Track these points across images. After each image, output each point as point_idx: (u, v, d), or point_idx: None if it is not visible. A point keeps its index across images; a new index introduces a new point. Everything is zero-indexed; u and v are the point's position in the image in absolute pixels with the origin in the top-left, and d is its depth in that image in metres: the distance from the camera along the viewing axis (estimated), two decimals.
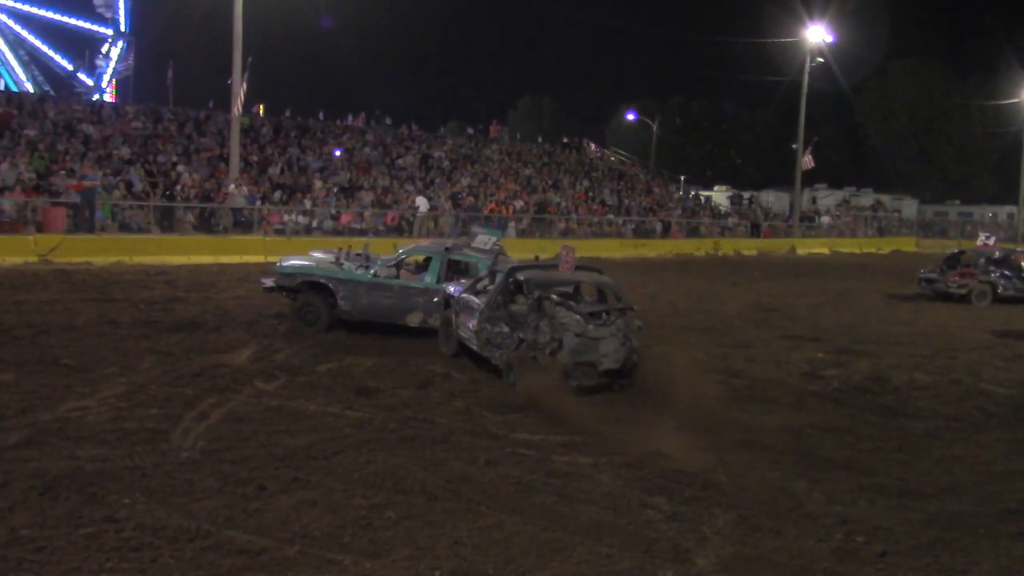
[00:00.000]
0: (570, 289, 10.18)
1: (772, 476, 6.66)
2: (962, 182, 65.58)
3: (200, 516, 5.37)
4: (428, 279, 11.75)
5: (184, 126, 31.95)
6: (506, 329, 9.28)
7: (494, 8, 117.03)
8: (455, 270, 12.08)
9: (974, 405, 9.37)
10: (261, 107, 39.11)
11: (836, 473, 6.82)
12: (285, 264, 12.36)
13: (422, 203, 28.78)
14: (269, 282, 12.26)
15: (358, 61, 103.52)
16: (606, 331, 8.79)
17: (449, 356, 10.56)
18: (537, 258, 11.62)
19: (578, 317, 8.84)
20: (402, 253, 12.52)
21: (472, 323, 9.83)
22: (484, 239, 12.49)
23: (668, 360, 9.90)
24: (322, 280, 11.80)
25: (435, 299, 11.56)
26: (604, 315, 9.11)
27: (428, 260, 12.13)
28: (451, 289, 11.03)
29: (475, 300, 10.05)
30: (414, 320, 11.67)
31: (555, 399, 8.20)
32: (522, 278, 9.56)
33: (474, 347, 9.90)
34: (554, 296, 9.38)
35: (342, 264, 12.08)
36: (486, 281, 10.42)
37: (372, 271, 11.80)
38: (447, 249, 12.21)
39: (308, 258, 12.76)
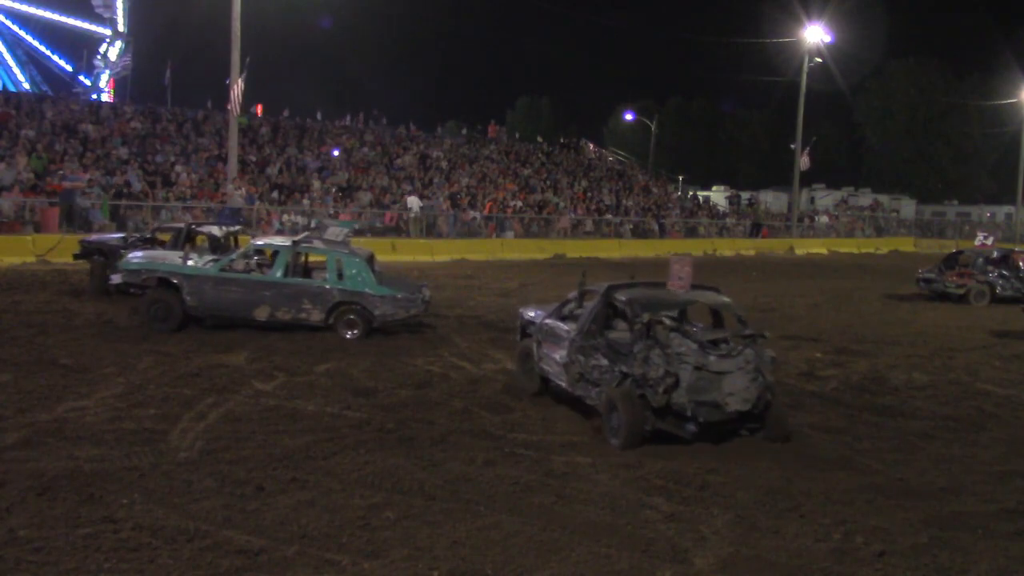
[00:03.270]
0: (675, 312, 8.48)
1: (770, 476, 6.66)
2: (960, 182, 65.73)
3: (198, 516, 5.37)
4: (276, 273, 11.66)
5: (182, 126, 31.96)
6: (604, 362, 7.80)
7: (493, 8, 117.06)
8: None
9: (972, 405, 9.38)
10: (259, 107, 39.10)
11: (834, 473, 6.83)
12: (132, 260, 12.20)
13: (414, 203, 28.69)
14: (117, 278, 12.22)
15: (356, 61, 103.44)
16: (731, 363, 7.31)
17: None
18: (633, 277, 9.41)
19: (695, 346, 7.36)
20: (250, 246, 12.45)
21: (560, 355, 8.38)
22: (336, 231, 12.45)
23: None
24: (168, 275, 11.66)
25: (283, 292, 11.53)
26: (724, 343, 7.64)
27: (276, 253, 11.96)
28: (530, 314, 9.56)
29: (562, 327, 8.57)
30: (261, 314, 11.57)
31: None
32: (623, 299, 8.04)
33: (563, 384, 8.42)
34: (666, 320, 7.80)
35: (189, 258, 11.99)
36: (573, 304, 8.93)
37: (220, 265, 11.72)
38: (294, 242, 12.10)
39: (154, 253, 12.84)
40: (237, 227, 15.62)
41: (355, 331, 11.56)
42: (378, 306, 11.53)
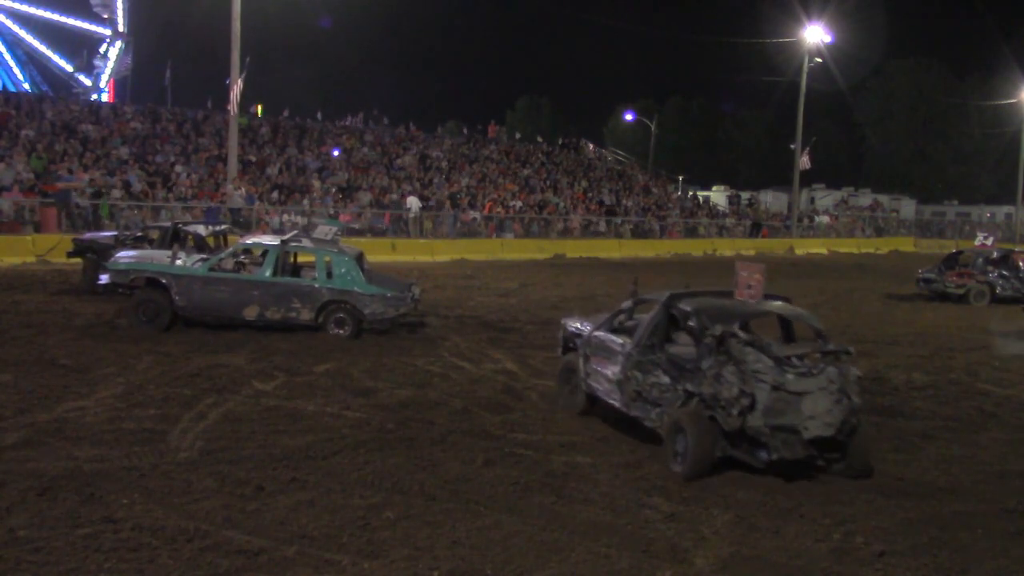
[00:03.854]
0: (738, 324, 7.45)
1: (770, 476, 6.65)
2: (960, 182, 65.78)
3: (198, 516, 5.37)
4: (265, 272, 11.59)
5: (182, 126, 31.96)
6: (666, 379, 7.12)
7: (493, 8, 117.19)
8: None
9: (972, 405, 9.39)
10: (259, 107, 39.11)
11: (834, 473, 6.82)
12: (119, 260, 12.13)
13: (413, 203, 28.65)
14: (106, 278, 12.11)
15: (356, 61, 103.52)
16: (811, 383, 6.56)
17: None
18: (688, 285, 8.76)
19: (771, 362, 6.62)
20: (238, 245, 12.40)
21: (612, 371, 7.65)
22: (325, 229, 12.40)
23: None
24: (156, 276, 11.59)
25: (272, 292, 11.48)
26: (800, 360, 6.91)
27: (265, 253, 11.88)
28: (575, 326, 8.73)
29: (615, 340, 7.82)
30: (250, 314, 11.52)
31: None
32: (689, 309, 7.30)
33: (615, 403, 7.71)
34: (740, 333, 6.96)
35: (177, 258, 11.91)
36: (625, 315, 8.24)
37: (208, 265, 11.64)
38: (283, 241, 12.05)
39: (142, 253, 12.81)
40: (224, 226, 15.59)
41: (345, 330, 11.54)
42: (368, 305, 11.51)
